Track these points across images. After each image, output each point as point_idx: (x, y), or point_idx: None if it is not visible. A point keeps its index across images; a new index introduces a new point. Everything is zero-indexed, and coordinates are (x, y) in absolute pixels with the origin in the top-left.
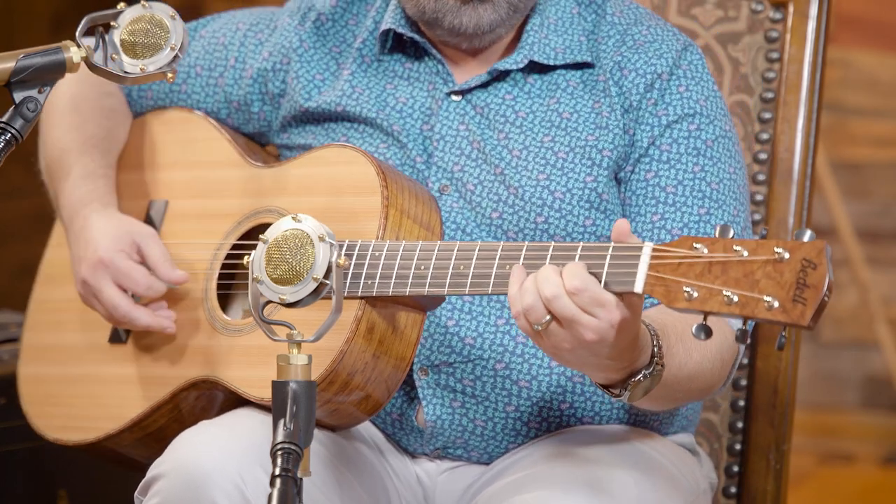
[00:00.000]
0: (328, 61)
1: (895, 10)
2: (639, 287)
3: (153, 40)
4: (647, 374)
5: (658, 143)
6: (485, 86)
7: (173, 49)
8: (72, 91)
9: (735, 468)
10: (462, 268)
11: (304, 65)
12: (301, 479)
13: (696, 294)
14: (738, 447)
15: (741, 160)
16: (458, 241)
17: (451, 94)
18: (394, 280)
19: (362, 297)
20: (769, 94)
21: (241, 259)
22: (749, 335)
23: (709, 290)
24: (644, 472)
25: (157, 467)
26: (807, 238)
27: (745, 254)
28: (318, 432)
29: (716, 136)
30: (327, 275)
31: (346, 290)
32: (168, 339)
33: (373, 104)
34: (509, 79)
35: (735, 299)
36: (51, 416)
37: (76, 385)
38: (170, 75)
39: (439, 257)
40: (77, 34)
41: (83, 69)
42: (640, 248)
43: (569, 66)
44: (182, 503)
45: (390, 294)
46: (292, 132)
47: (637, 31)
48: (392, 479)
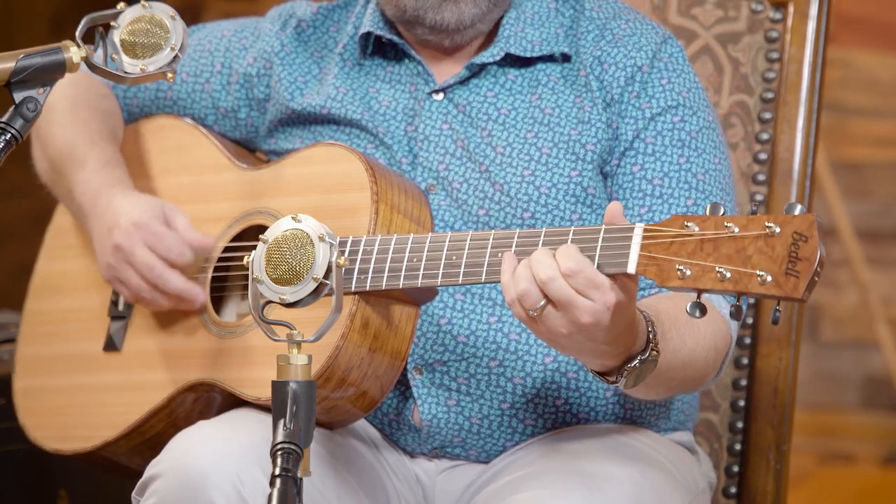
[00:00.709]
0: (310, 65)
1: (895, 10)
2: (632, 268)
3: (153, 40)
4: (642, 359)
5: (643, 135)
6: (465, 83)
7: (173, 49)
8: (69, 93)
9: (735, 468)
10: (454, 258)
11: (286, 67)
12: (301, 479)
13: (688, 272)
14: (738, 447)
15: (725, 150)
16: (449, 232)
17: (432, 93)
18: (387, 273)
19: (356, 293)
20: (769, 94)
21: (232, 262)
22: (743, 311)
23: (701, 268)
24: (643, 471)
25: (155, 467)
26: (797, 212)
27: (737, 230)
28: (315, 431)
29: (699, 128)
30: (327, 275)
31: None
32: (162, 344)
33: (357, 106)
34: (489, 75)
35: (728, 275)
36: (48, 427)
37: (72, 395)
38: (170, 75)
39: (431, 249)
40: (77, 34)
41: (80, 71)
42: (631, 229)
43: (547, 59)
44: (179, 503)
45: (384, 288)
46: (279, 137)
47: (616, 25)
48: (390, 477)
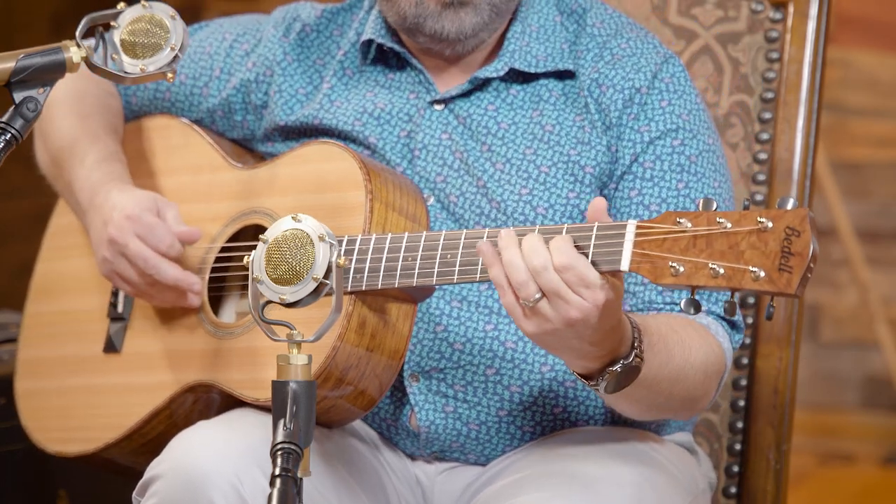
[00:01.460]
0: (311, 74)
1: (895, 10)
2: (625, 265)
3: (153, 40)
4: (625, 363)
5: (641, 159)
6: (467, 95)
7: (173, 49)
8: (75, 86)
9: (735, 468)
10: (449, 257)
11: (287, 79)
12: (301, 479)
13: (682, 269)
14: (738, 447)
15: (726, 172)
16: (443, 231)
17: (433, 103)
18: (382, 273)
19: (352, 292)
20: (769, 94)
21: (229, 262)
22: (736, 307)
23: (694, 265)
24: (643, 471)
25: (155, 468)
26: (790, 206)
27: (729, 225)
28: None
29: (699, 151)
30: (327, 274)
31: None
32: (162, 345)
33: (349, 116)
34: (491, 88)
35: (721, 272)
36: (51, 430)
37: (73, 397)
38: (170, 75)
39: (426, 248)
40: (77, 34)
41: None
42: (623, 226)
43: (550, 74)
44: None
45: (379, 287)
46: (276, 142)
47: (616, 44)
48: (389, 476)
